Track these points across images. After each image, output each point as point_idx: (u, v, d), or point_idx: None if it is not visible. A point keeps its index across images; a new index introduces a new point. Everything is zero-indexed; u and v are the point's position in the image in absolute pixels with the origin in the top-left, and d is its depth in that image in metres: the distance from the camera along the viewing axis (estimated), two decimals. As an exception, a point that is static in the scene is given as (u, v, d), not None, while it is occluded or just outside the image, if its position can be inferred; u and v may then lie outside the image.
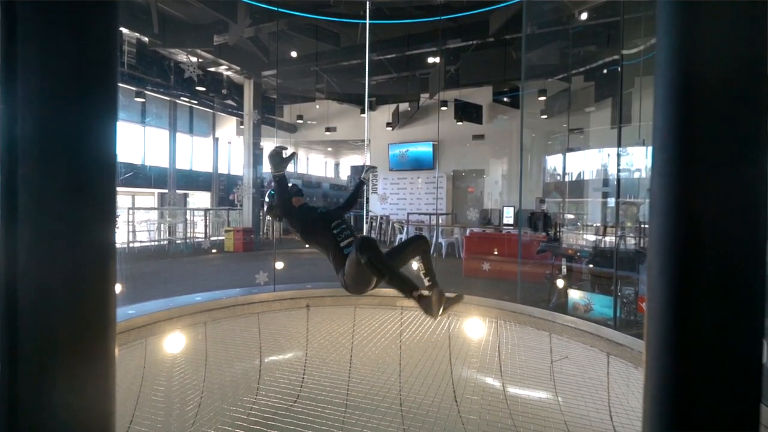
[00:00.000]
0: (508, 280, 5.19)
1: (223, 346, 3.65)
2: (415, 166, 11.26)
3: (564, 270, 4.64)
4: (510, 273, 5.30)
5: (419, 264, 2.39)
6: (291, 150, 2.10)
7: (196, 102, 11.73)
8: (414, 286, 2.05)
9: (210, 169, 14.20)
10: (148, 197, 12.86)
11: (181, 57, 8.96)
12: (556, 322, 3.55)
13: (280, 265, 4.49)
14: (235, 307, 3.78)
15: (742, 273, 0.41)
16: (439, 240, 8.19)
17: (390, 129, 11.44)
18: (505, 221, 8.13)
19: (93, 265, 0.41)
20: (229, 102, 11.20)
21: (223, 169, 14.57)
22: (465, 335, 3.80)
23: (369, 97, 6.63)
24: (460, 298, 2.20)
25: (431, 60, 8.92)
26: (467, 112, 9.75)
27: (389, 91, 10.97)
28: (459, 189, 11.35)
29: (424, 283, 2.29)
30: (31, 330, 0.39)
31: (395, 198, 11.51)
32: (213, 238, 10.27)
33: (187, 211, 11.30)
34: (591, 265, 4.47)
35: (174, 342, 3.23)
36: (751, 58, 0.41)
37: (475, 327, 3.69)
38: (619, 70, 3.98)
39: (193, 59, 8.83)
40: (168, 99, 11.85)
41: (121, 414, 2.73)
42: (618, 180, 4.01)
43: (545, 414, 3.18)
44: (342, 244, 2.26)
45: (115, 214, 0.45)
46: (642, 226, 4.33)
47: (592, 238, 5.84)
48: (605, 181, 6.87)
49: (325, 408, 2.94)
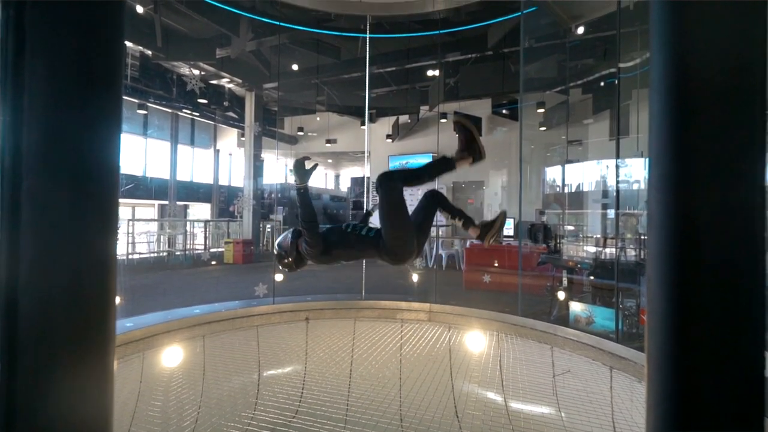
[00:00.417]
0: (509, 292, 5.17)
1: (222, 359, 3.61)
2: (415, 178, 11.29)
3: (565, 282, 4.62)
4: (511, 285, 5.27)
5: (445, 214, 2.27)
6: (314, 161, 2.01)
7: (197, 114, 11.84)
8: (450, 156, 2.05)
9: (210, 181, 14.26)
10: (149, 208, 12.88)
11: (184, 70, 9.08)
12: (557, 335, 3.52)
13: (279, 277, 4.47)
14: (234, 320, 3.75)
15: (741, 285, 0.41)
16: (440, 252, 8.17)
17: (390, 141, 11.53)
18: (505, 233, 8.13)
19: (94, 275, 0.41)
20: (231, 114, 11.30)
21: (223, 181, 14.62)
22: (466, 349, 3.76)
23: (369, 109, 6.69)
24: (500, 218, 2.19)
25: (431, 73, 9.03)
26: (467, 125, 9.81)
27: (389, 104, 11.08)
28: (459, 200, 11.37)
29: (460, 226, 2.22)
30: (31, 337, 0.39)
31: (395, 210, 11.51)
32: (213, 250, 10.25)
33: (187, 223, 11.30)
34: (592, 277, 4.46)
35: (172, 356, 3.19)
36: (744, 73, 0.42)
37: (476, 340, 3.66)
38: (616, 82, 4.03)
39: (196, 72, 8.94)
40: (170, 111, 11.97)
41: (116, 430, 2.68)
42: (617, 191, 4.02)
43: (548, 430, 3.13)
44: (363, 233, 2.09)
45: (117, 225, 0.45)
46: (642, 237, 4.33)
47: (592, 249, 5.83)
48: (605, 193, 6.88)
49: (324, 424, 2.89)
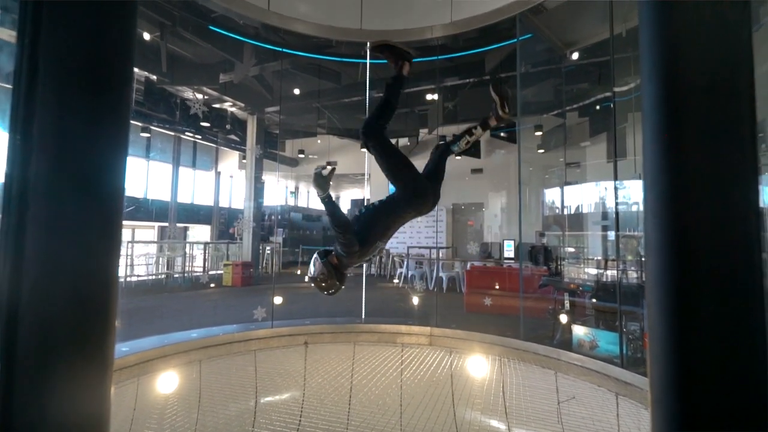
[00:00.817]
0: (511, 315, 5.10)
1: (218, 385, 3.52)
2: (414, 200, 11.33)
3: (567, 305, 4.57)
4: (512, 308, 5.21)
5: (459, 147, 2.23)
6: (329, 167, 1.98)
7: (200, 137, 12.00)
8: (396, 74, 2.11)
9: (211, 203, 14.30)
10: (149, 230, 12.87)
11: (188, 94, 9.26)
12: (561, 359, 3.45)
13: (278, 300, 4.42)
14: (232, 344, 3.69)
15: (741, 309, 0.41)
16: (440, 274, 8.11)
17: (390, 163, 11.61)
18: (506, 255, 8.10)
19: (95, 298, 0.41)
20: (233, 137, 11.45)
21: (224, 203, 14.67)
22: (468, 374, 3.68)
23: (369, 132, 6.75)
24: (499, 89, 2.17)
25: (429, 97, 9.21)
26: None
27: (389, 127, 11.22)
28: (459, 222, 11.38)
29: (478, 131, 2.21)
30: (30, 355, 0.38)
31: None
32: (212, 272, 10.17)
33: (187, 245, 11.27)
34: (594, 300, 4.41)
35: (167, 382, 3.12)
36: (732, 98, 0.42)
37: (478, 365, 3.58)
38: (612, 106, 4.10)
39: (199, 96, 9.11)
40: (173, 134, 12.13)
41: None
42: (617, 213, 4.03)
43: (554, 459, 3.02)
44: (377, 203, 2.09)
45: (120, 249, 0.45)
46: (643, 259, 4.31)
47: (593, 271, 5.79)
48: (604, 214, 6.90)
49: (323, 452, 2.80)
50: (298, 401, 3.74)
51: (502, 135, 9.97)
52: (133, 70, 0.44)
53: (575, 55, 6.14)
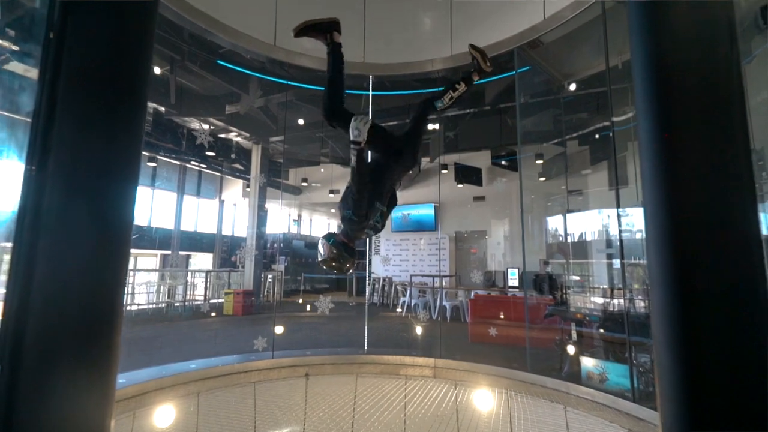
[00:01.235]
0: (516, 345, 4.98)
1: (216, 419, 3.41)
2: (417, 228, 11.34)
3: (574, 335, 4.46)
4: (518, 338, 5.09)
5: (444, 103, 2.33)
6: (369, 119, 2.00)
7: (205, 166, 12.18)
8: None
9: (214, 231, 14.34)
10: (151, 258, 12.84)
11: (194, 124, 9.48)
12: (570, 393, 3.34)
13: (279, 329, 4.34)
14: (231, 376, 3.60)
15: (748, 340, 0.40)
16: (444, 303, 7.99)
17: (392, 191, 11.70)
18: (510, 283, 8.00)
19: (102, 330, 0.41)
20: (237, 166, 11.62)
21: (227, 231, 14.71)
22: (474, 408, 3.55)
23: (372, 161, 6.85)
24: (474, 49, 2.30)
25: (431, 126, 9.38)
26: (467, 175, 10.04)
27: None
28: (462, 250, 11.32)
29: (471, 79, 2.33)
30: (35, 378, 0.37)
31: (398, 259, 11.44)
32: (213, 301, 10.06)
33: (188, 273, 11.21)
34: (602, 330, 4.31)
35: (164, 415, 3.02)
36: (730, 136, 0.43)
37: (484, 399, 3.47)
38: (611, 135, 4.16)
39: (206, 126, 9.33)
40: (178, 163, 12.33)
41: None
42: (621, 241, 4.00)
43: (567, 500, 2.87)
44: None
45: (126, 280, 0.45)
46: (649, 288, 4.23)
47: (600, 300, 5.69)
48: (608, 242, 6.85)
49: (324, 493, 2.67)
50: (298, 437, 3.61)
51: (504, 163, 10.07)
52: (146, 108, 0.46)
53: (573, 86, 6.30)
